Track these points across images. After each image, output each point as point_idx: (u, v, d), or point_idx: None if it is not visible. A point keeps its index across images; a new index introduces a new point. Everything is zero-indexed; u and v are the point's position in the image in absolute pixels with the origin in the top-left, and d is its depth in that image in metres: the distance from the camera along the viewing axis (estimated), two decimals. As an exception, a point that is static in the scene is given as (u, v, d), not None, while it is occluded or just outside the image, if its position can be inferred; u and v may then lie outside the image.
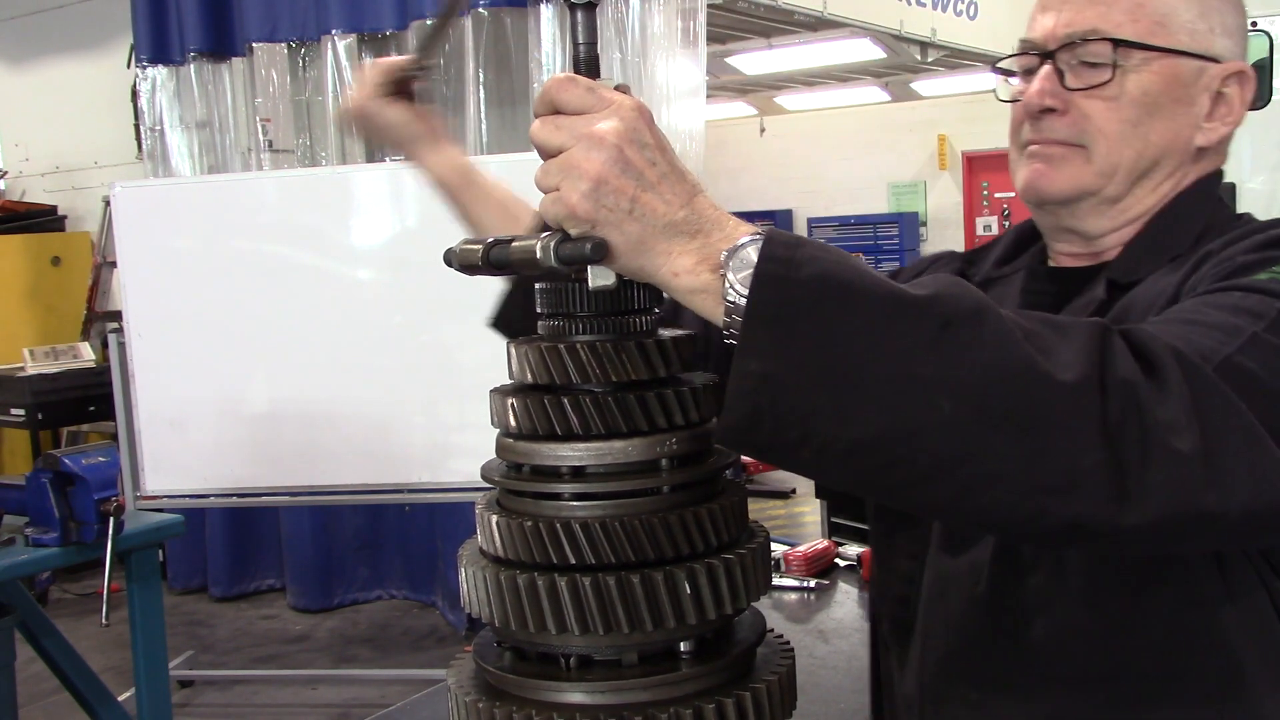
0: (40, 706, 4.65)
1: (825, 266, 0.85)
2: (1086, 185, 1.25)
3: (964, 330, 0.84)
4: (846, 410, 0.84)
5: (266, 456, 4.75)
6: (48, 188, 8.20)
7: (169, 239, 4.84)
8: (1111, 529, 0.85)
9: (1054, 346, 0.86)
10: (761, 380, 0.84)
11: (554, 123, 0.91)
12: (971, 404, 0.83)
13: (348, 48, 5.96)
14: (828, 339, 0.84)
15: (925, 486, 0.86)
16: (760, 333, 0.85)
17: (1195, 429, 0.85)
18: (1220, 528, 0.89)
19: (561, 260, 0.90)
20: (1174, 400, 0.85)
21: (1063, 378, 0.83)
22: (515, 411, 0.97)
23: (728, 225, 0.91)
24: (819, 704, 2.10)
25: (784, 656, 1.02)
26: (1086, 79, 1.23)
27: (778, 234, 0.88)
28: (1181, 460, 0.84)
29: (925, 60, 8.50)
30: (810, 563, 2.86)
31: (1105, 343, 0.87)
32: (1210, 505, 0.86)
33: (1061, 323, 0.89)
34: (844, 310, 0.84)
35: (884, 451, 0.85)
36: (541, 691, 0.95)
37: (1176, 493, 0.85)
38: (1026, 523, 0.87)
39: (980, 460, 0.84)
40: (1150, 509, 0.84)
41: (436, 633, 5.79)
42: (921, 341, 0.84)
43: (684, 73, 5.51)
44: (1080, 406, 0.83)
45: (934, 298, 0.85)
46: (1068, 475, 0.84)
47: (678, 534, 0.94)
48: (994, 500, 0.86)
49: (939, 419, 0.83)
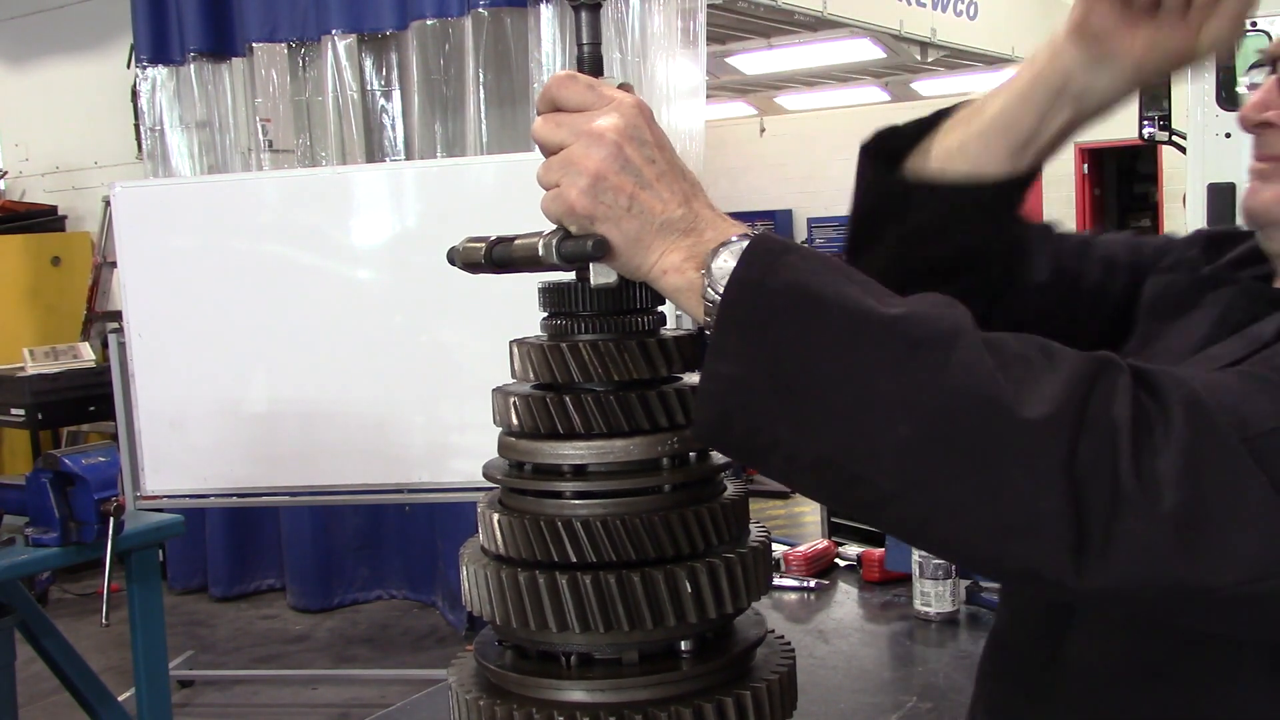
0: (40, 706, 4.65)
1: (801, 276, 0.84)
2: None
3: (930, 353, 0.81)
4: (807, 423, 0.82)
5: (266, 456, 4.76)
6: (48, 188, 8.20)
7: (169, 239, 4.85)
8: (1072, 583, 0.79)
9: (1035, 378, 0.80)
10: (729, 383, 0.84)
11: (555, 120, 0.91)
12: (928, 431, 0.79)
13: (348, 48, 5.96)
14: (793, 349, 0.83)
15: (888, 509, 0.84)
16: (731, 336, 0.84)
17: (1186, 487, 0.77)
18: (1206, 605, 0.81)
19: (563, 258, 0.91)
20: (1170, 451, 0.78)
21: (1027, 413, 0.78)
22: (517, 410, 0.97)
23: (721, 225, 0.90)
24: (819, 704, 2.10)
25: (784, 656, 1.02)
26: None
27: (767, 239, 0.87)
28: (1157, 519, 0.77)
29: (925, 60, 8.51)
30: (810, 563, 2.86)
31: (1097, 378, 0.81)
32: (1189, 577, 0.78)
33: (1058, 352, 0.83)
34: (811, 322, 0.83)
35: (845, 469, 0.83)
36: (542, 690, 0.95)
37: (1146, 554, 0.77)
38: (988, 562, 0.84)
39: (937, 490, 0.81)
40: (1114, 567, 0.78)
41: (436, 633, 5.79)
42: (885, 361, 0.81)
43: (684, 73, 5.52)
44: (1043, 443, 0.78)
45: (906, 317, 0.82)
46: (1025, 516, 0.79)
47: (678, 533, 0.94)
48: (954, 533, 0.82)
49: (896, 442, 0.80)
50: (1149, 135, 6.39)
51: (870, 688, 2.22)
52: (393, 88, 6.05)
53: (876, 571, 2.78)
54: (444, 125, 5.92)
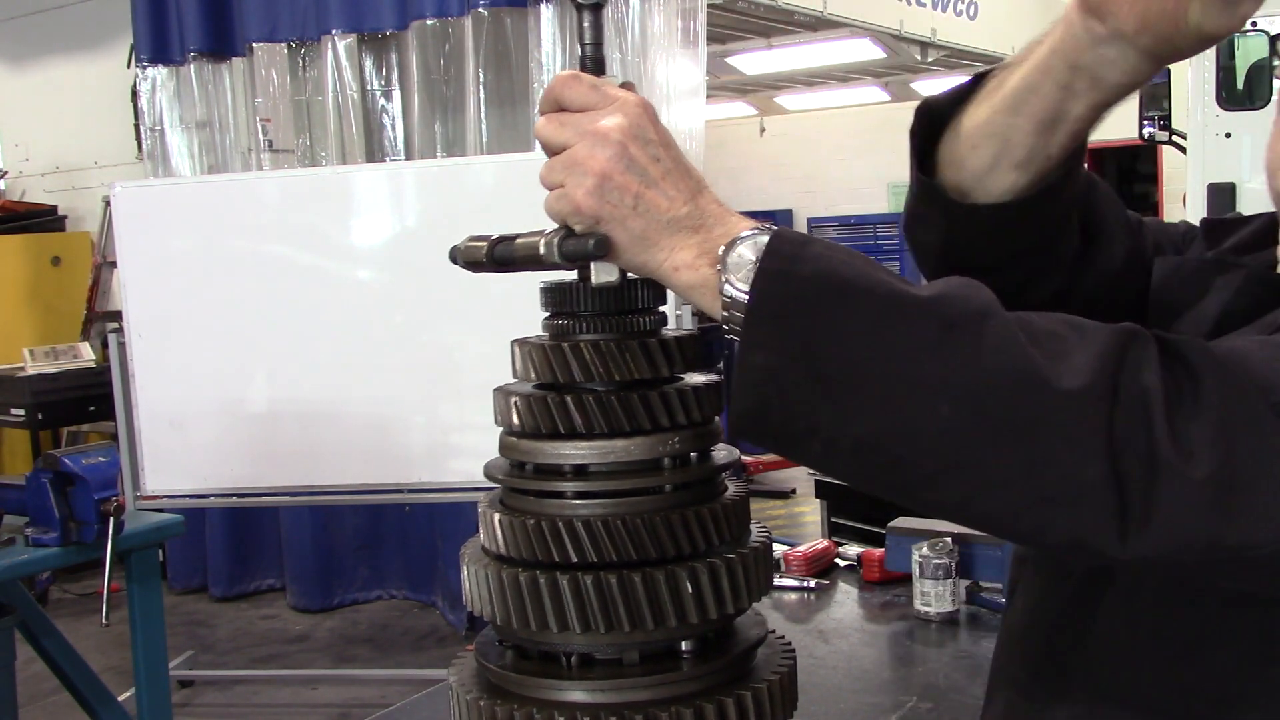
0: (40, 706, 4.65)
1: (828, 264, 0.85)
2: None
3: (966, 333, 0.82)
4: (847, 408, 0.83)
5: (266, 456, 4.76)
6: (48, 188, 8.20)
7: (169, 239, 4.85)
8: (1117, 548, 0.81)
9: (1067, 351, 0.82)
10: (765, 373, 0.84)
11: (559, 120, 0.91)
12: (970, 408, 0.81)
13: (348, 48, 5.96)
14: (828, 336, 0.84)
15: (930, 489, 0.85)
16: (762, 326, 0.85)
17: (1219, 452, 0.79)
18: (1247, 563, 0.83)
19: (565, 256, 0.91)
20: (1202, 418, 0.80)
21: (1065, 385, 0.80)
22: (519, 410, 0.97)
23: (729, 221, 0.91)
24: (819, 704, 2.09)
25: (785, 657, 1.02)
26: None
27: (785, 231, 0.88)
28: (1194, 483, 0.79)
29: (925, 60, 8.51)
30: (810, 563, 2.86)
31: (1127, 349, 0.82)
32: (1228, 538, 0.80)
33: (1086, 326, 0.85)
34: (844, 308, 0.84)
35: (886, 451, 0.84)
36: (543, 690, 0.95)
37: (1186, 517, 0.79)
38: (1032, 534, 0.85)
39: (980, 466, 0.82)
40: (1156, 531, 0.79)
41: (436, 633, 5.79)
42: (921, 342, 0.83)
43: (684, 73, 5.52)
44: (1082, 414, 0.80)
45: (938, 298, 0.84)
46: (1069, 487, 0.80)
47: (679, 533, 0.94)
48: (997, 507, 0.84)
49: (938, 422, 0.82)
50: (1149, 135, 6.40)
51: (870, 688, 2.21)
52: (393, 88, 6.05)
53: (876, 571, 2.77)
54: (444, 125, 5.92)
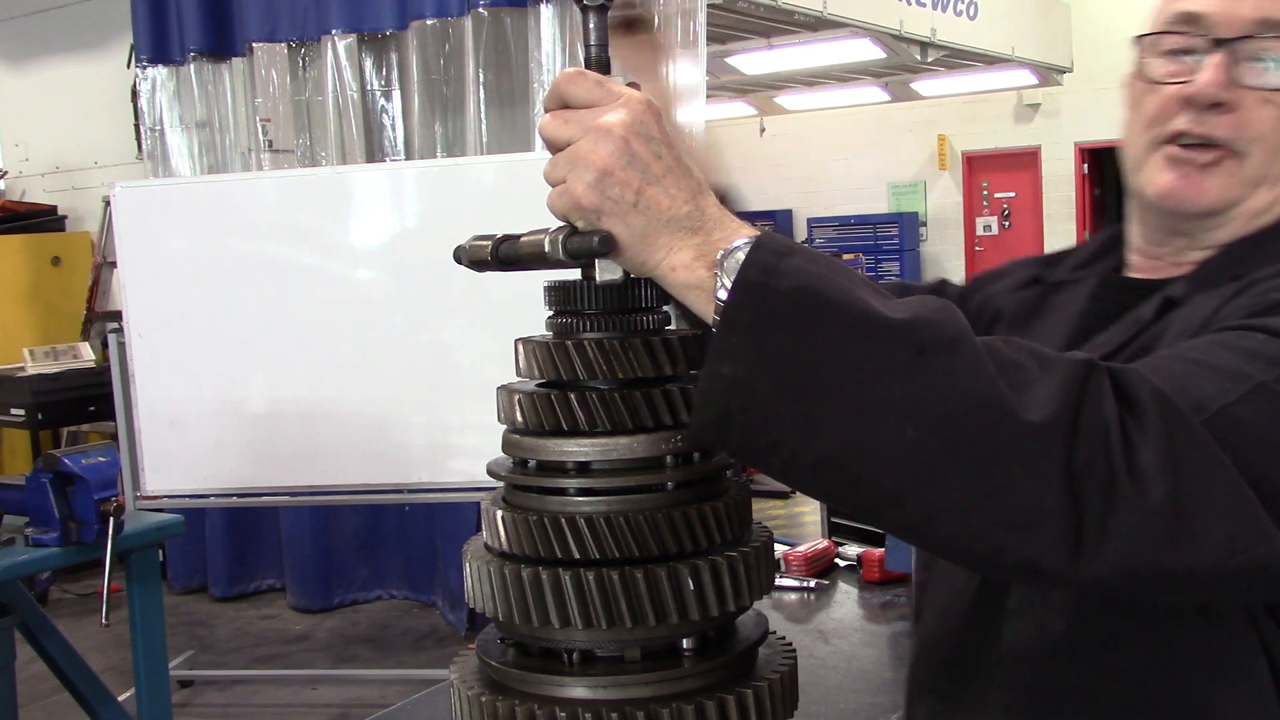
0: (40, 706, 4.65)
1: (806, 279, 0.84)
2: (1234, 197, 1.15)
3: (936, 358, 0.83)
4: (811, 424, 0.83)
5: (266, 456, 4.76)
6: (48, 188, 8.20)
7: (169, 239, 4.85)
8: (1069, 574, 0.83)
9: (1030, 382, 0.84)
10: (731, 384, 0.85)
11: (563, 116, 0.91)
12: (935, 432, 0.82)
13: (348, 48, 5.96)
14: (798, 352, 0.83)
15: (889, 509, 0.86)
16: (734, 337, 0.85)
17: (1168, 480, 0.82)
18: (1188, 585, 0.86)
19: (569, 254, 0.91)
20: (1149, 447, 0.82)
21: (1029, 416, 0.82)
22: (522, 407, 0.97)
23: (729, 224, 0.91)
24: (819, 704, 2.10)
25: (786, 656, 1.03)
26: (1263, 79, 1.11)
27: (771, 240, 0.87)
28: (1147, 511, 0.82)
29: (925, 60, 8.51)
30: (810, 563, 2.86)
31: (1087, 382, 0.84)
32: (1174, 562, 0.83)
33: (1048, 357, 0.87)
34: (817, 325, 0.84)
35: (847, 469, 0.84)
36: (544, 686, 0.95)
37: (1138, 545, 0.82)
38: (986, 557, 0.86)
39: (941, 489, 0.83)
40: (1109, 558, 0.82)
41: (436, 633, 5.79)
42: (892, 365, 0.83)
43: (684, 73, 5.51)
44: (1043, 446, 0.81)
45: (911, 322, 0.84)
46: (1026, 513, 0.82)
47: (681, 530, 0.94)
48: (954, 531, 0.85)
49: (902, 443, 0.82)
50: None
51: (870, 688, 2.22)
52: (393, 88, 6.05)
53: (876, 571, 2.78)
54: (444, 125, 5.92)
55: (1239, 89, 1.12)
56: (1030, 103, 12.07)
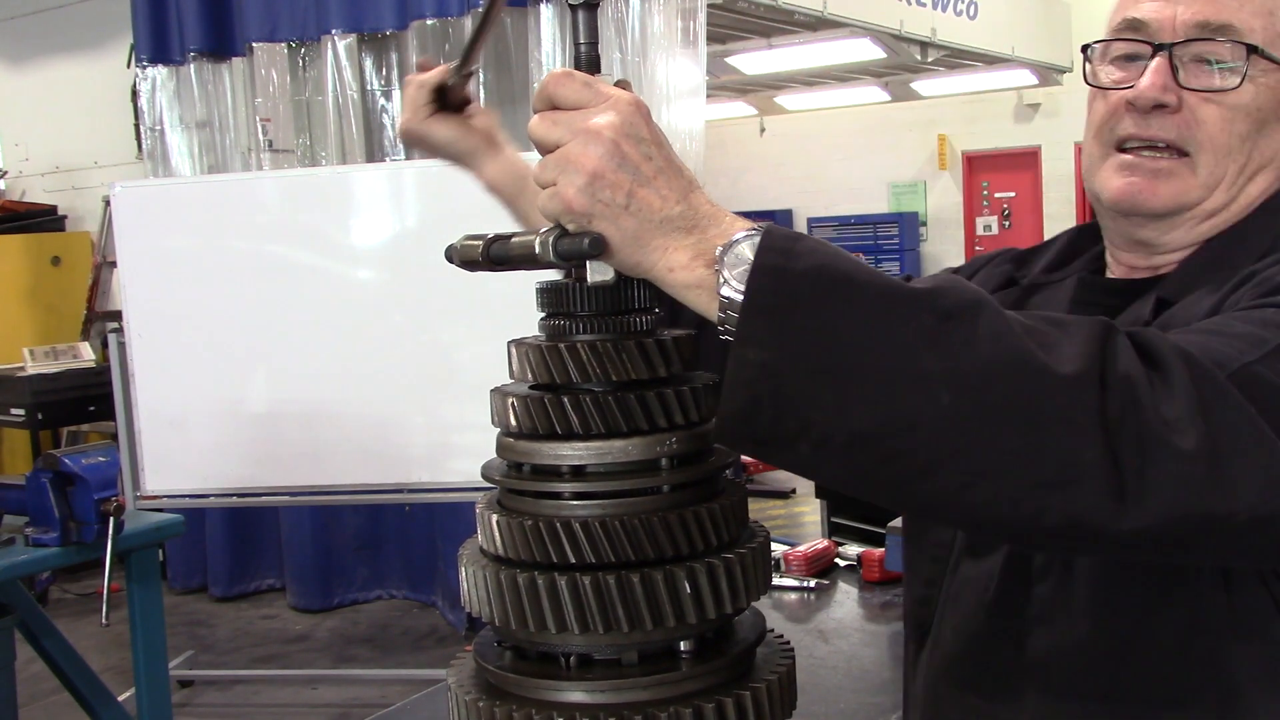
0: (40, 706, 4.65)
1: (823, 259, 0.85)
2: (1188, 199, 1.17)
3: (963, 323, 0.83)
4: (845, 401, 0.83)
5: (266, 456, 4.76)
6: (48, 188, 8.20)
7: (169, 239, 4.85)
8: (1112, 528, 0.83)
9: (1055, 342, 0.84)
10: (760, 369, 0.84)
11: (551, 118, 0.91)
12: (971, 396, 0.82)
13: (348, 48, 5.96)
14: (826, 330, 0.83)
15: (924, 481, 0.85)
16: (758, 322, 0.84)
17: (1199, 429, 0.83)
18: (1226, 532, 0.86)
19: (560, 255, 0.90)
20: (1177, 399, 0.83)
21: (1062, 370, 0.82)
22: (516, 411, 0.97)
23: (724, 221, 0.90)
24: (819, 704, 2.10)
25: (784, 656, 1.02)
26: (1206, 80, 1.15)
27: (777, 229, 0.88)
28: (1182, 458, 0.82)
29: (925, 60, 8.51)
30: (810, 563, 2.86)
31: (1107, 339, 0.85)
32: (1215, 507, 0.83)
33: (1063, 319, 0.88)
34: (842, 302, 0.84)
35: (883, 444, 0.84)
36: (541, 690, 0.95)
37: (1178, 492, 0.82)
38: (1027, 520, 0.85)
39: (979, 453, 0.83)
40: (1151, 508, 0.82)
41: (436, 633, 5.79)
42: (921, 334, 0.83)
43: (684, 73, 5.52)
44: (1080, 399, 0.82)
45: (932, 291, 0.85)
46: (1068, 469, 0.82)
47: (677, 533, 0.94)
48: (993, 495, 0.84)
49: (938, 411, 0.82)
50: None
51: (870, 688, 2.22)
52: (393, 88, 6.05)
53: (876, 571, 2.78)
54: (444, 125, 5.91)
55: (1181, 90, 1.15)
56: (1030, 102, 12.06)
